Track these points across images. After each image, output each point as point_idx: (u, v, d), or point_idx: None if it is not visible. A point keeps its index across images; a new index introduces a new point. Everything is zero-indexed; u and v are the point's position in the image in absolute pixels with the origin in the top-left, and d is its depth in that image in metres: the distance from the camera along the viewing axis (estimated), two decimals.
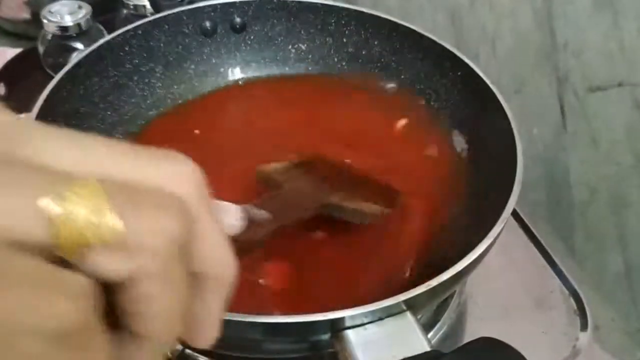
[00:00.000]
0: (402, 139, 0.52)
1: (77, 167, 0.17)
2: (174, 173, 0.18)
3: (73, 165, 0.16)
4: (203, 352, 0.41)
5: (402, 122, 0.53)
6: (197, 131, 0.52)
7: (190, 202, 0.18)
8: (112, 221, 0.16)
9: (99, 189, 0.16)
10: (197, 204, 0.18)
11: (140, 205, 0.16)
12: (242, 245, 0.26)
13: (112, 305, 0.17)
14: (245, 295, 0.37)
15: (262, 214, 0.31)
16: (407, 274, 0.41)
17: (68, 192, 0.15)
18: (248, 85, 0.57)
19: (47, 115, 0.42)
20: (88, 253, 0.16)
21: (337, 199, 0.40)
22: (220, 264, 0.19)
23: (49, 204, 0.15)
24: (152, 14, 0.55)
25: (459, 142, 0.50)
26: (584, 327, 0.46)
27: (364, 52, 0.56)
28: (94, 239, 0.15)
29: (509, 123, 0.42)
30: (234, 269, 0.20)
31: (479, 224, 0.40)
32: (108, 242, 0.16)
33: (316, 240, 0.42)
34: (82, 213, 0.15)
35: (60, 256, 0.15)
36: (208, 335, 0.20)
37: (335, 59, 0.57)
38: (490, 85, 0.46)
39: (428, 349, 0.30)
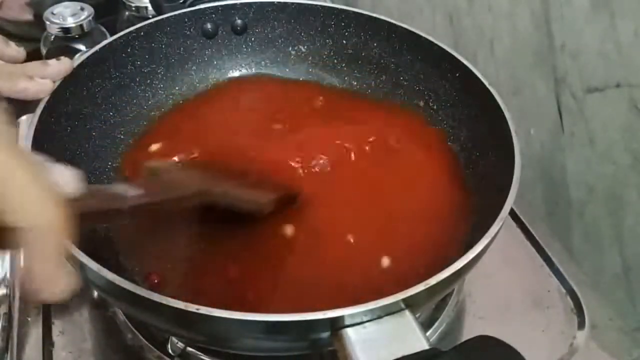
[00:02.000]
0: (400, 139, 0.52)
1: None
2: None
3: None
4: (204, 350, 0.42)
5: (400, 122, 0.54)
6: (196, 132, 0.52)
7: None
8: None
9: None
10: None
11: None
12: (103, 212, 0.31)
13: None
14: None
15: (129, 189, 0.33)
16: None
17: None
18: (248, 85, 0.58)
19: (50, 116, 0.43)
20: None
21: (220, 188, 0.40)
22: (33, 214, 0.21)
23: None
24: (153, 16, 0.55)
25: (457, 143, 0.51)
26: (581, 325, 0.46)
27: (363, 54, 0.56)
28: None
29: (507, 123, 0.43)
30: (53, 218, 0.22)
31: (477, 224, 0.41)
32: None
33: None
34: None
35: None
36: (51, 289, 0.22)
37: (335, 61, 0.58)
38: (488, 86, 0.46)
39: (427, 347, 0.30)
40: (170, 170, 0.43)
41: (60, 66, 0.43)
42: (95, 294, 0.46)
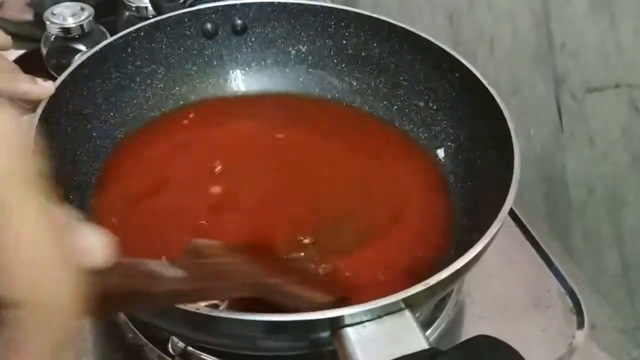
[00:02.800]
0: (400, 140, 0.53)
1: None
2: None
3: None
4: (205, 350, 0.42)
5: (400, 123, 0.54)
6: (196, 130, 0.53)
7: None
8: None
9: None
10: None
11: None
12: (132, 294, 0.24)
13: None
14: None
15: (173, 271, 0.27)
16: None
17: None
18: (248, 86, 0.58)
19: (51, 117, 0.43)
20: None
21: (275, 281, 0.34)
22: (37, 286, 0.15)
23: None
24: (154, 16, 0.55)
25: (457, 143, 0.51)
26: (580, 325, 0.46)
27: (363, 54, 0.56)
28: None
29: (507, 123, 0.43)
30: (64, 295, 0.15)
31: (476, 224, 0.41)
32: None
33: None
34: None
35: None
36: None
37: (335, 61, 0.58)
38: (488, 86, 0.46)
39: (426, 346, 0.30)
40: (215, 252, 0.36)
41: (40, 89, 0.41)
42: None
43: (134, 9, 0.68)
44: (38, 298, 0.15)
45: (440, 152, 0.52)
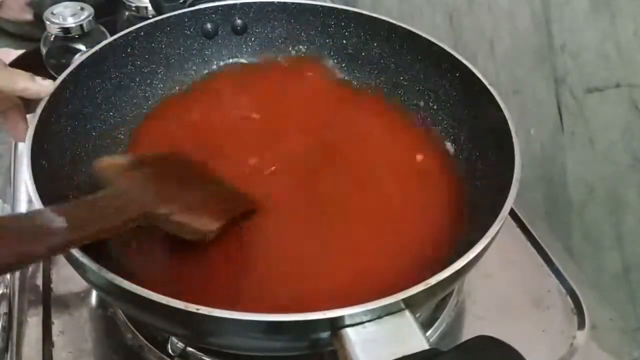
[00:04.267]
0: (399, 140, 0.53)
1: None
2: None
3: None
4: (204, 350, 0.42)
5: (400, 123, 0.54)
6: (196, 128, 0.53)
7: None
8: None
9: None
10: None
11: None
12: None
13: None
14: None
15: (55, 220, 0.29)
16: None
17: None
18: (248, 85, 0.58)
19: (50, 116, 0.43)
20: None
21: (166, 209, 0.36)
22: None
23: None
24: (154, 16, 0.55)
25: (457, 143, 0.51)
26: (581, 325, 0.46)
27: (363, 54, 0.56)
28: None
29: (507, 123, 0.43)
30: None
31: (476, 224, 0.41)
32: None
33: None
34: None
35: None
36: None
37: (335, 61, 0.58)
38: (488, 86, 0.46)
39: (426, 347, 0.30)
40: (124, 169, 0.38)
41: (39, 87, 0.41)
42: (95, 293, 0.46)
43: (134, 9, 0.68)
44: None
45: (440, 152, 0.52)
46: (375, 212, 0.46)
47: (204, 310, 0.29)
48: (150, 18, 0.55)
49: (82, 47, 0.64)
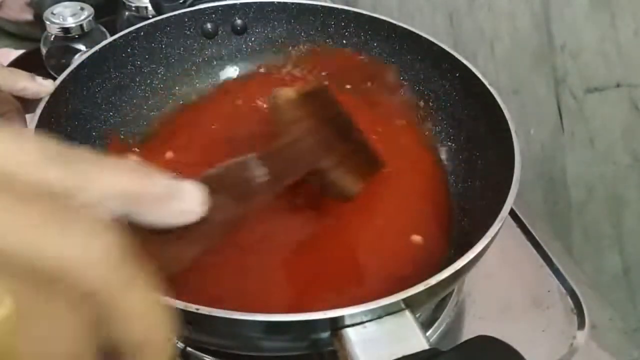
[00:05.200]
0: (399, 140, 0.53)
1: None
2: (84, 251, 0.15)
3: None
4: (205, 350, 0.42)
5: (400, 123, 0.54)
6: (200, 129, 0.53)
7: (101, 290, 0.15)
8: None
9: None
10: (111, 290, 0.16)
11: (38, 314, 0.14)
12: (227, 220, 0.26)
13: None
14: None
15: (261, 171, 0.30)
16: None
17: None
18: (248, 85, 0.58)
19: (50, 117, 0.43)
20: None
21: (327, 164, 0.38)
22: (147, 331, 0.17)
23: None
24: (154, 16, 0.55)
25: (457, 143, 0.51)
26: (581, 325, 0.46)
27: (363, 54, 0.56)
28: None
29: (507, 123, 0.43)
30: (165, 333, 0.18)
31: (476, 224, 0.41)
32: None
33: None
34: None
35: None
36: None
37: None
38: (489, 86, 0.46)
39: (427, 347, 0.30)
40: (294, 107, 0.40)
41: (39, 87, 0.42)
42: None
43: (134, 9, 0.68)
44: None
45: (441, 152, 0.52)
46: (374, 211, 0.46)
47: (204, 310, 0.29)
48: (150, 18, 0.55)
49: (82, 47, 0.64)
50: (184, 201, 0.21)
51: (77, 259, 0.15)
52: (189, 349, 0.42)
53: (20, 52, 0.67)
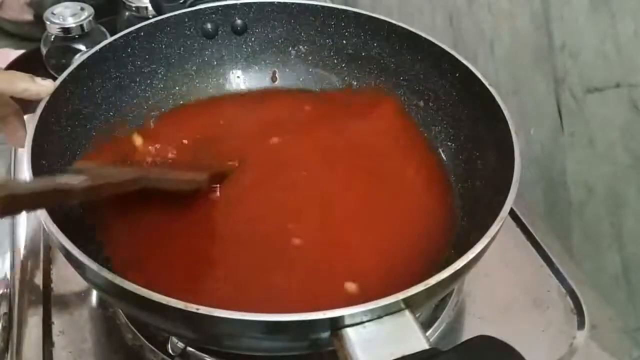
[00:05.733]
0: (399, 140, 0.53)
1: None
2: None
3: None
4: (205, 350, 0.42)
5: (400, 123, 0.54)
6: (198, 132, 0.53)
7: None
8: None
9: None
10: None
11: None
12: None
13: None
14: None
15: (78, 179, 0.36)
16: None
17: None
18: (248, 86, 0.58)
19: (50, 116, 0.43)
20: None
21: (154, 173, 0.45)
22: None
23: None
24: (154, 16, 0.55)
25: (457, 143, 0.51)
26: (581, 325, 0.46)
27: (363, 54, 0.56)
28: None
29: (507, 123, 0.43)
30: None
31: (476, 224, 0.41)
32: None
33: None
34: None
35: None
36: None
37: (335, 61, 0.58)
38: (488, 86, 0.46)
39: (426, 346, 0.30)
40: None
41: (39, 88, 0.42)
42: (95, 293, 0.46)
43: (134, 9, 0.68)
44: None
45: (441, 152, 0.52)
46: (374, 212, 0.46)
47: (204, 310, 0.29)
48: (150, 18, 0.55)
49: (82, 47, 0.64)
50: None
51: None
52: (189, 349, 0.42)
53: (21, 52, 0.68)
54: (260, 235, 0.43)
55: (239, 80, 0.58)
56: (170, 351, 0.42)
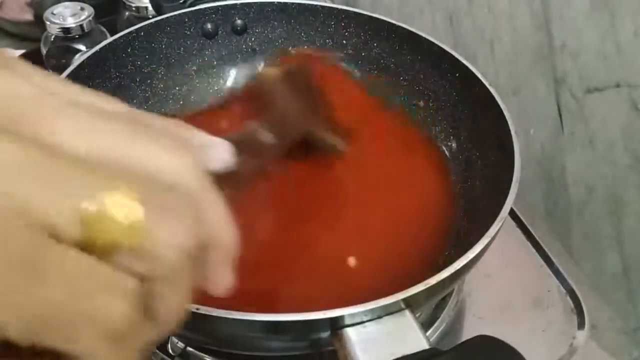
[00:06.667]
0: (399, 140, 0.53)
1: (92, 152, 0.17)
2: (182, 165, 0.19)
3: (87, 149, 0.17)
4: (205, 350, 0.42)
5: (400, 123, 0.54)
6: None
7: (196, 191, 0.19)
8: (140, 227, 0.16)
9: (132, 192, 0.16)
10: (202, 190, 0.20)
11: (165, 215, 0.17)
12: (245, 175, 0.30)
13: None
14: None
15: (268, 136, 0.35)
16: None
17: (104, 192, 0.16)
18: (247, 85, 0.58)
19: None
20: (116, 254, 0.16)
21: (315, 125, 0.45)
22: (223, 234, 0.21)
23: (87, 205, 0.15)
24: (154, 16, 0.55)
25: (457, 143, 0.51)
26: (581, 325, 0.46)
27: (363, 54, 0.56)
28: (125, 243, 0.16)
29: (507, 124, 0.43)
30: (233, 235, 0.21)
31: (476, 224, 0.41)
32: (136, 248, 0.16)
33: None
34: (117, 216, 0.16)
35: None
36: (221, 287, 0.22)
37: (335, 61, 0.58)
38: (488, 87, 0.46)
39: (426, 346, 0.30)
40: (278, 82, 0.45)
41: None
42: None
43: (134, 9, 0.68)
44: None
45: (441, 152, 0.52)
46: (374, 211, 0.46)
47: (204, 310, 0.29)
48: (150, 18, 0.55)
49: (82, 47, 0.64)
50: (216, 150, 0.25)
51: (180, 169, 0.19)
52: (189, 348, 0.42)
53: (21, 52, 0.68)
54: (259, 232, 0.43)
55: (239, 80, 0.58)
56: (170, 351, 0.42)
